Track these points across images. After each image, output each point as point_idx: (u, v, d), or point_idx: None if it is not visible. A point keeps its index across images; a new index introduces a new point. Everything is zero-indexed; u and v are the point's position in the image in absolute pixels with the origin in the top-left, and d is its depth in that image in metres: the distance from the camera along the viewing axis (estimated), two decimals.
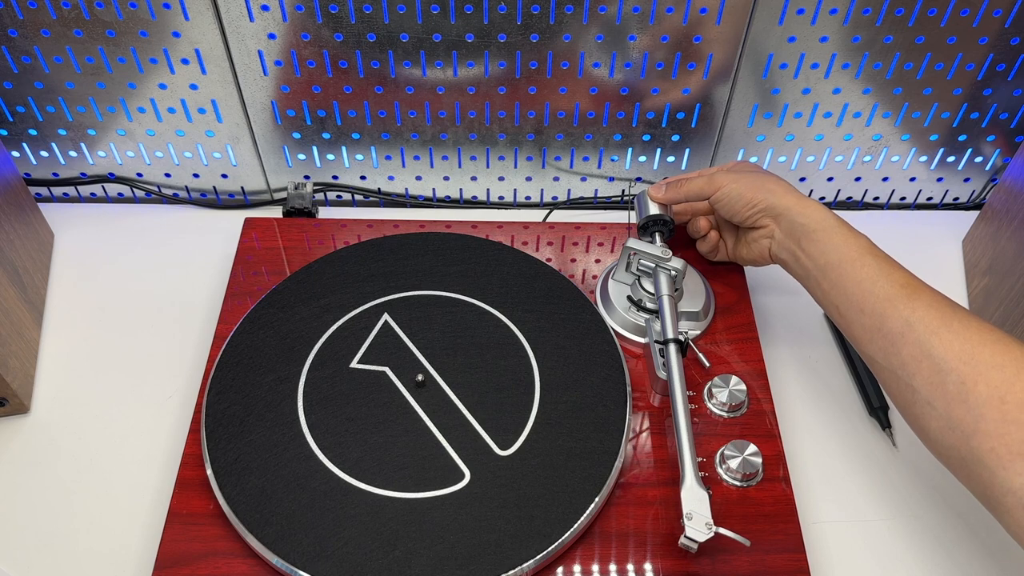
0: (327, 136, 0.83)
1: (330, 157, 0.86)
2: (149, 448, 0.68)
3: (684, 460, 0.58)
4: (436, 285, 0.72)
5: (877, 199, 0.91)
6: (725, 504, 0.61)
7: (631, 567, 0.58)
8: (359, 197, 0.90)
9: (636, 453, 0.64)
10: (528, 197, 0.90)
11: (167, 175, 0.87)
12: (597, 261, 0.78)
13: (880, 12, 0.73)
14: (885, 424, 0.70)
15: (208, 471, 0.60)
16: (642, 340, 0.71)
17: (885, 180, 0.89)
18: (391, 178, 0.88)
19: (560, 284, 0.73)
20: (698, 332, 0.72)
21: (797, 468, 0.67)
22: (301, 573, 0.55)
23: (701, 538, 0.55)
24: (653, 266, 0.70)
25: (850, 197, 0.91)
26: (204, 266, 0.82)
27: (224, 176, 0.87)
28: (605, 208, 0.90)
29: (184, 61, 0.76)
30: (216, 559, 0.57)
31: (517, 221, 0.82)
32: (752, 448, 0.62)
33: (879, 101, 0.81)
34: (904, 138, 0.84)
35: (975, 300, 0.79)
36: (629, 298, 0.73)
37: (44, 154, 0.85)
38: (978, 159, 0.87)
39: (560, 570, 0.58)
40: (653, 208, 0.73)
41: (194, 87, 0.78)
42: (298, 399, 0.64)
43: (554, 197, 0.90)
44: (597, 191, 0.90)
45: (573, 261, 0.78)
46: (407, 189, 0.89)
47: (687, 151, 0.85)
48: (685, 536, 0.55)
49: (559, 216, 0.88)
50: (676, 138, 0.84)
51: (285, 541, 0.56)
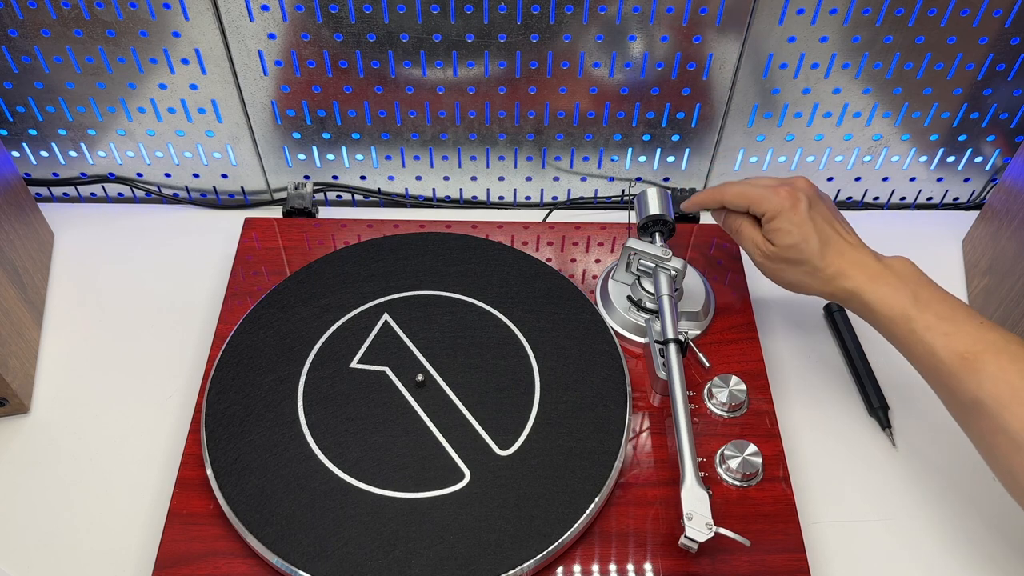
0: (327, 136, 0.83)
1: (330, 157, 0.86)
2: (149, 448, 0.68)
3: (684, 460, 0.58)
4: (436, 285, 0.72)
5: (877, 199, 0.91)
6: (725, 504, 0.61)
7: (631, 567, 0.58)
8: (359, 197, 0.90)
9: (636, 453, 0.64)
10: (528, 197, 0.90)
11: (167, 175, 0.87)
12: (597, 261, 0.78)
13: (880, 12, 0.73)
14: (885, 424, 0.70)
15: (208, 471, 0.60)
16: (642, 340, 0.71)
17: (885, 180, 0.89)
18: (391, 178, 0.88)
19: (560, 284, 0.73)
20: (698, 332, 0.72)
21: (797, 468, 0.67)
22: (301, 573, 0.55)
23: (701, 538, 0.55)
24: (653, 266, 0.70)
25: (850, 197, 0.91)
26: (204, 266, 0.82)
27: (224, 176, 0.87)
28: (605, 208, 0.90)
29: (184, 61, 0.76)
30: (216, 559, 0.57)
31: (517, 221, 0.82)
32: (752, 448, 0.63)
33: (879, 101, 0.81)
34: (904, 138, 0.84)
35: (975, 300, 0.79)
36: (629, 298, 0.73)
37: (44, 154, 0.85)
38: (978, 159, 0.87)
39: (560, 570, 0.58)
40: (653, 208, 0.73)
41: (194, 87, 0.78)
42: (298, 399, 0.64)
43: (554, 197, 0.90)
44: (597, 191, 0.90)
45: (573, 261, 0.78)
46: (407, 189, 0.89)
47: (687, 151, 0.85)
48: (685, 536, 0.55)
49: (559, 216, 0.88)
50: (676, 138, 0.84)
51: (285, 541, 0.56)
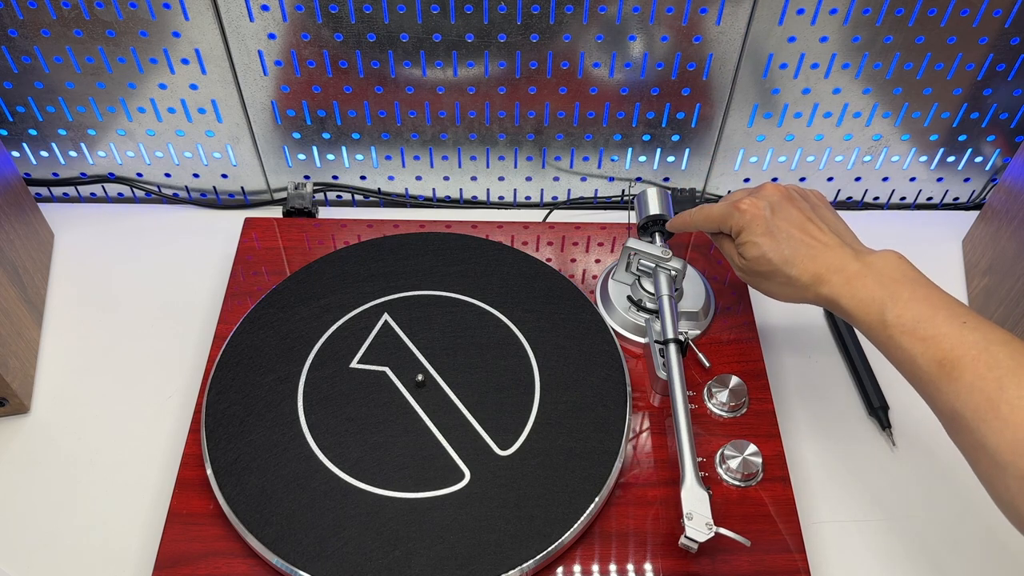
0: (327, 136, 0.83)
1: (330, 157, 0.86)
2: (149, 448, 0.68)
3: (684, 460, 0.58)
4: (436, 285, 0.72)
5: (877, 199, 0.91)
6: (725, 504, 0.61)
7: (631, 567, 0.58)
8: (359, 197, 0.90)
9: (636, 453, 0.64)
10: (528, 197, 0.90)
11: (167, 175, 0.87)
12: (597, 261, 0.78)
13: (880, 12, 0.73)
14: (885, 424, 0.70)
15: (208, 471, 0.60)
16: (642, 340, 0.71)
17: (885, 180, 0.89)
18: (391, 178, 0.88)
19: (560, 284, 0.73)
20: (698, 332, 0.72)
21: (797, 468, 0.67)
22: (301, 573, 0.55)
23: (701, 538, 0.55)
24: (653, 266, 0.70)
25: (850, 197, 0.91)
26: (204, 266, 0.82)
27: (224, 176, 0.87)
28: (605, 208, 0.90)
29: (184, 61, 0.76)
30: (216, 559, 0.57)
31: (517, 221, 0.82)
32: (752, 448, 0.63)
33: (879, 101, 0.81)
34: (904, 138, 0.84)
35: (975, 300, 0.79)
36: (629, 298, 0.73)
37: (44, 154, 0.85)
38: (978, 159, 0.87)
39: (560, 570, 0.58)
40: (653, 208, 0.73)
41: (194, 87, 0.78)
42: (298, 399, 0.64)
43: (554, 197, 0.90)
44: (597, 191, 0.90)
45: (573, 261, 0.78)
46: (407, 189, 0.89)
47: (687, 151, 0.85)
48: (685, 536, 0.55)
49: (559, 216, 0.88)
50: (676, 138, 0.84)
51: (285, 541, 0.56)
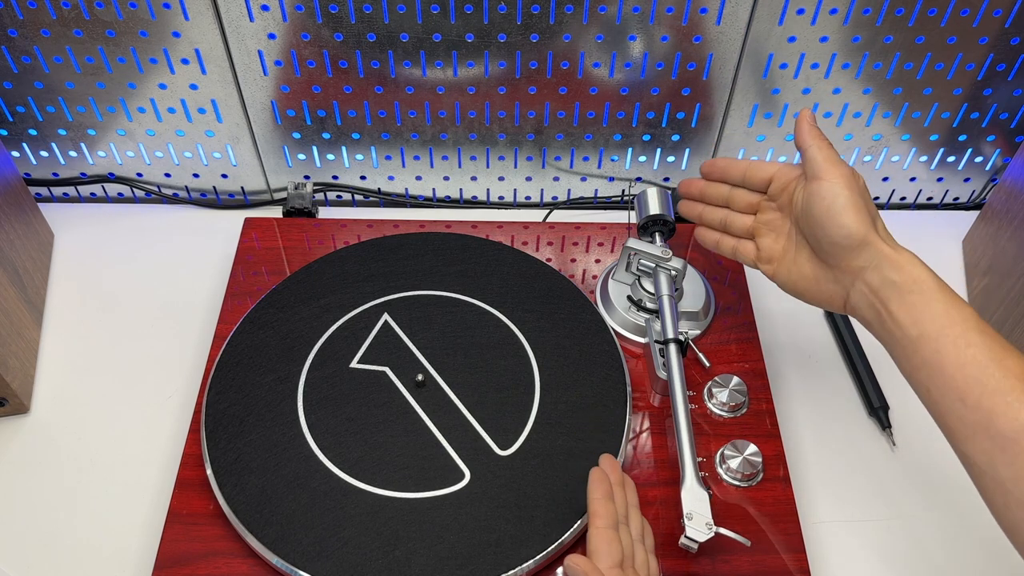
0: (327, 136, 0.83)
1: (330, 157, 0.86)
2: (149, 448, 0.68)
3: (684, 460, 0.58)
4: (436, 285, 0.72)
5: (877, 199, 0.91)
6: (725, 504, 0.61)
7: None
8: (359, 197, 0.90)
9: (636, 453, 0.64)
10: (528, 197, 0.90)
11: (167, 175, 0.87)
12: (597, 261, 0.78)
13: (880, 12, 0.73)
14: (885, 424, 0.70)
15: (208, 471, 0.60)
16: (642, 340, 0.71)
17: (885, 180, 0.89)
18: (391, 178, 0.88)
19: (560, 284, 0.73)
20: (698, 332, 0.72)
21: (797, 468, 0.67)
22: (301, 573, 0.55)
23: (701, 538, 0.55)
24: (653, 266, 0.70)
25: None
26: (204, 266, 0.82)
27: (224, 176, 0.87)
28: (605, 208, 0.90)
29: (184, 61, 0.76)
30: (216, 559, 0.57)
31: (517, 221, 0.82)
32: (752, 448, 0.63)
33: (879, 101, 0.81)
34: (904, 138, 0.84)
35: (975, 300, 0.79)
36: (629, 298, 0.73)
37: (44, 154, 0.85)
38: (978, 159, 0.86)
39: (560, 570, 0.58)
40: (653, 208, 0.73)
41: (194, 87, 0.78)
42: (298, 399, 0.64)
43: (554, 197, 0.90)
44: (597, 191, 0.90)
45: (573, 261, 0.78)
46: (407, 189, 0.89)
47: (687, 151, 0.85)
48: (685, 536, 0.55)
49: (559, 216, 0.88)
50: (676, 138, 0.84)
51: (285, 541, 0.56)
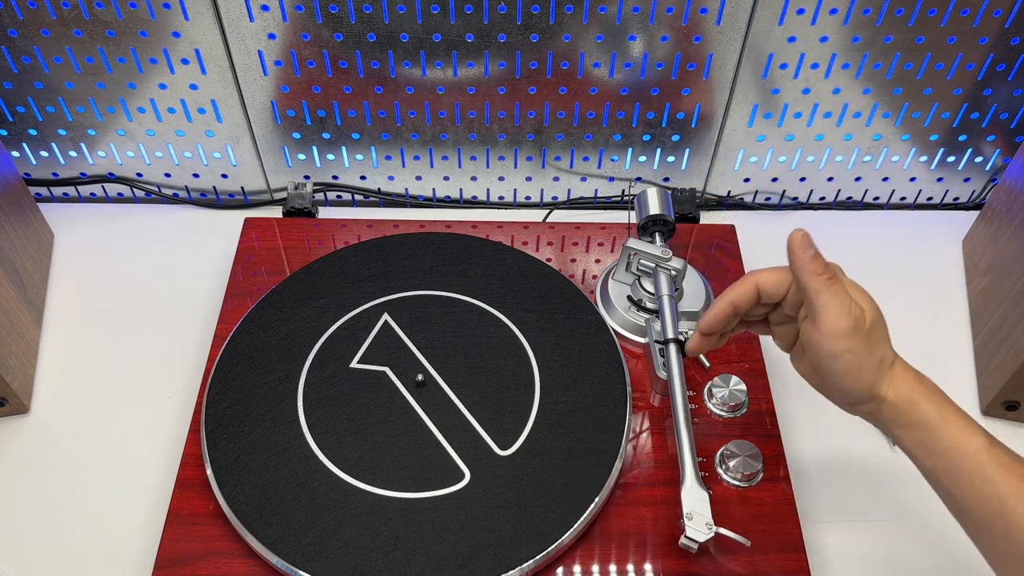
0: (327, 136, 0.83)
1: (330, 157, 0.86)
2: (149, 448, 0.68)
3: (684, 460, 0.58)
4: (436, 285, 0.72)
5: (877, 199, 0.91)
6: (725, 504, 0.61)
7: (631, 567, 0.58)
8: (359, 197, 0.90)
9: (636, 453, 0.64)
10: (528, 197, 0.90)
11: (167, 175, 0.87)
12: (597, 261, 0.78)
13: (880, 12, 0.73)
14: None
15: (208, 471, 0.60)
16: (642, 340, 0.71)
17: (885, 180, 0.89)
18: (391, 178, 0.88)
19: (560, 284, 0.73)
20: None
21: (797, 468, 0.67)
22: (301, 573, 0.55)
23: (701, 538, 0.55)
24: (653, 266, 0.70)
25: (850, 197, 0.91)
26: (204, 266, 0.82)
27: (224, 176, 0.87)
28: (605, 208, 0.90)
29: (184, 61, 0.76)
30: (216, 559, 0.57)
31: (517, 221, 0.82)
32: (752, 448, 0.62)
33: (879, 101, 0.81)
34: (904, 138, 0.84)
35: (975, 300, 0.79)
36: (629, 298, 0.73)
37: (44, 154, 0.85)
38: (978, 159, 0.86)
39: (560, 570, 0.58)
40: (653, 208, 0.73)
41: (194, 87, 0.78)
42: (298, 399, 0.64)
43: (554, 197, 0.90)
44: (597, 191, 0.90)
45: (573, 261, 0.78)
46: (407, 189, 0.89)
47: (687, 151, 0.85)
48: (685, 536, 0.55)
49: (559, 216, 0.88)
50: (676, 138, 0.84)
51: (285, 541, 0.56)
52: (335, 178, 0.88)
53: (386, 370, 0.66)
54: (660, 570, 0.58)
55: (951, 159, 0.86)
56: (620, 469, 0.61)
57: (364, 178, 0.88)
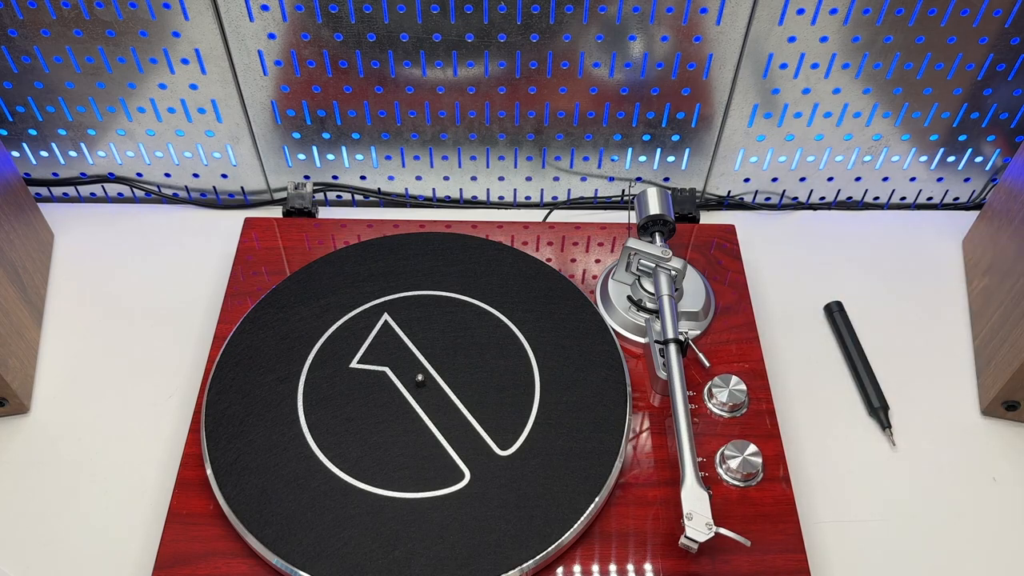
0: (327, 136, 0.83)
1: (330, 157, 0.86)
2: (149, 448, 0.68)
3: (684, 460, 0.58)
4: (436, 285, 0.72)
5: (877, 199, 0.91)
6: (725, 504, 0.61)
7: (631, 567, 0.58)
8: (359, 197, 0.90)
9: (636, 453, 0.64)
10: (528, 197, 0.90)
11: (167, 175, 0.87)
12: (597, 261, 0.78)
13: (880, 12, 0.73)
14: (885, 424, 0.70)
15: (208, 471, 0.60)
16: (642, 340, 0.71)
17: (885, 180, 0.89)
18: (391, 178, 0.88)
19: (560, 284, 0.73)
20: (698, 332, 0.72)
21: (797, 468, 0.67)
22: (301, 573, 0.55)
23: (701, 538, 0.55)
24: (653, 266, 0.70)
25: (850, 197, 0.91)
26: (204, 266, 0.82)
27: (224, 176, 0.87)
28: (605, 208, 0.90)
29: (184, 61, 0.76)
30: (216, 559, 0.57)
31: (517, 221, 0.82)
32: (752, 448, 0.63)
33: (879, 101, 0.81)
34: (904, 138, 0.84)
35: (975, 300, 0.79)
36: (629, 298, 0.73)
37: (44, 154, 0.85)
38: (978, 159, 0.87)
39: (560, 570, 0.58)
40: (653, 208, 0.73)
41: (194, 87, 0.78)
42: (298, 399, 0.64)
43: (554, 197, 0.90)
44: (597, 191, 0.90)
45: (573, 261, 0.78)
46: (407, 189, 0.89)
47: (687, 151, 0.85)
48: (685, 536, 0.55)
49: (559, 216, 0.88)
50: (676, 138, 0.84)
51: (285, 541, 0.56)
52: (335, 178, 0.88)
53: (386, 370, 0.66)
54: (660, 570, 0.58)
55: (951, 159, 0.86)
56: (620, 469, 0.61)
57: (364, 178, 0.88)
